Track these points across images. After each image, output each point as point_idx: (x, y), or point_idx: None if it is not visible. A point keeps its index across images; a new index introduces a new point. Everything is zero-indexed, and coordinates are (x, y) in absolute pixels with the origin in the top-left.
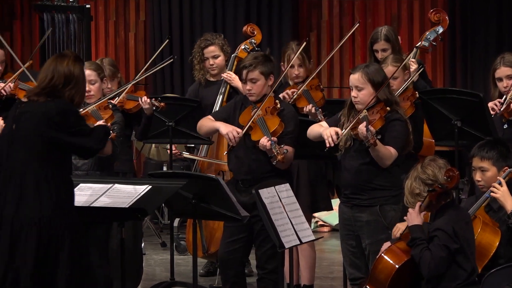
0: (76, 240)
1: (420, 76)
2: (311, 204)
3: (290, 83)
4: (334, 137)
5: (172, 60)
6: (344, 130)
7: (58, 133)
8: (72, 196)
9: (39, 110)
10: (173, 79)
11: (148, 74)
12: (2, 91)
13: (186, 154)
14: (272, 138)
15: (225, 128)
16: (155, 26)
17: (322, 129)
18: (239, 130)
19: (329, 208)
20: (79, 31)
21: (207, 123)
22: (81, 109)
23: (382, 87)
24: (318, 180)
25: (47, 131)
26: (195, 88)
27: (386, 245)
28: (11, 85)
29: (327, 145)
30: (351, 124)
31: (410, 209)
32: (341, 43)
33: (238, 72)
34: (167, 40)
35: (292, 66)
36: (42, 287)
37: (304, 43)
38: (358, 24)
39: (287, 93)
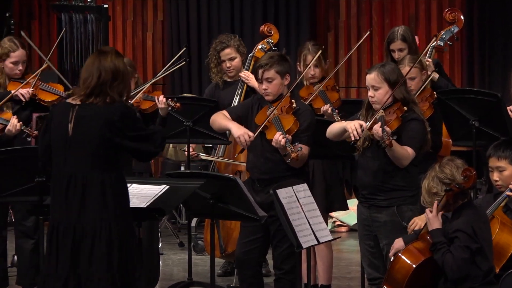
0: (138, 240)
1: (440, 75)
2: (326, 204)
3: (305, 83)
4: (359, 129)
5: (184, 63)
6: (368, 123)
7: (120, 138)
8: (128, 196)
9: (101, 115)
10: (191, 79)
11: (160, 76)
12: (21, 96)
13: (203, 156)
14: (287, 136)
15: (237, 130)
16: (172, 26)
17: (345, 123)
18: (250, 133)
19: (345, 208)
20: (97, 31)
21: (220, 119)
22: None
23: (398, 85)
24: (333, 180)
25: (110, 136)
26: (211, 89)
27: (398, 242)
28: (30, 90)
29: (352, 138)
30: (369, 124)
31: (428, 214)
32: (350, 53)
33: (254, 72)
34: (184, 48)
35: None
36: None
37: (320, 51)
38: (369, 32)
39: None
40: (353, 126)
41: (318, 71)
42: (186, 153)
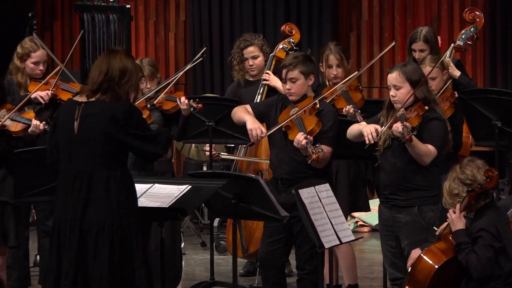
0: (144, 238)
1: (461, 71)
2: (350, 204)
3: (327, 83)
4: (374, 134)
5: (202, 59)
6: (384, 127)
7: (125, 135)
8: (135, 194)
9: (105, 113)
10: (213, 79)
11: (180, 74)
12: (40, 99)
13: (224, 155)
14: (308, 136)
15: (251, 123)
16: (195, 26)
17: (362, 126)
18: (264, 130)
19: (367, 208)
20: (119, 31)
21: (240, 112)
22: None
23: (420, 85)
24: (357, 180)
25: (115, 133)
26: (233, 88)
27: (416, 252)
28: (49, 92)
29: (367, 141)
30: (389, 123)
31: (451, 214)
32: (374, 60)
33: (276, 72)
34: (205, 47)
35: (330, 67)
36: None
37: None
38: (394, 43)
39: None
40: (368, 130)
41: (341, 71)
42: (207, 153)
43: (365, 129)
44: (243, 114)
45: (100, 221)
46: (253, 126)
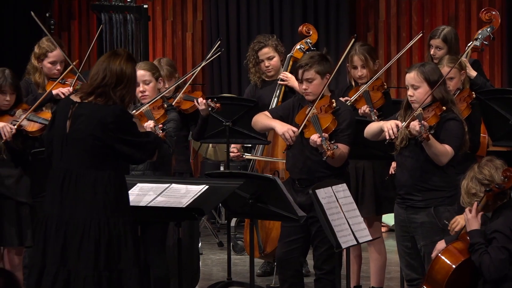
0: (137, 238)
1: (478, 72)
2: (376, 206)
3: (353, 84)
4: (395, 129)
5: (219, 53)
6: (404, 122)
7: (111, 140)
8: (127, 195)
9: (95, 115)
10: (230, 79)
11: (197, 69)
12: (62, 95)
13: (247, 155)
14: (324, 134)
15: (281, 127)
16: (212, 26)
17: (382, 123)
18: (294, 129)
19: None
20: (136, 31)
21: (263, 119)
22: (136, 110)
23: (438, 85)
24: (383, 182)
25: (102, 137)
26: (251, 89)
27: (441, 244)
28: (71, 89)
29: (387, 137)
30: (406, 122)
31: (467, 214)
32: (403, 50)
33: (294, 72)
34: (219, 41)
35: (355, 67)
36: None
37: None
38: (421, 34)
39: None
40: (389, 125)
41: (366, 71)
42: (231, 154)
43: (386, 125)
44: (267, 121)
45: (86, 220)
46: (284, 129)
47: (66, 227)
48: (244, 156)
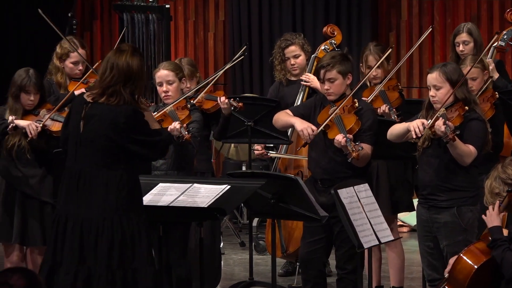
0: (151, 238)
1: (501, 75)
2: (392, 205)
3: (368, 84)
4: (421, 127)
5: (242, 57)
6: (430, 120)
7: (124, 140)
8: (140, 195)
9: (108, 116)
10: (252, 78)
11: (220, 72)
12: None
13: (272, 153)
14: (348, 135)
15: (300, 124)
16: (234, 26)
17: (407, 123)
18: (314, 127)
19: (411, 208)
20: (158, 31)
21: (283, 117)
22: (159, 110)
23: (459, 84)
24: (399, 181)
25: (114, 137)
26: (275, 87)
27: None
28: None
29: (414, 136)
30: (430, 123)
31: (489, 210)
32: (413, 48)
33: (316, 72)
34: (245, 46)
35: (370, 67)
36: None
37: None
38: (431, 29)
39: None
40: (415, 124)
41: (380, 71)
42: (256, 152)
43: (411, 124)
44: (287, 118)
45: (99, 220)
46: (303, 126)
47: (81, 226)
48: (268, 154)
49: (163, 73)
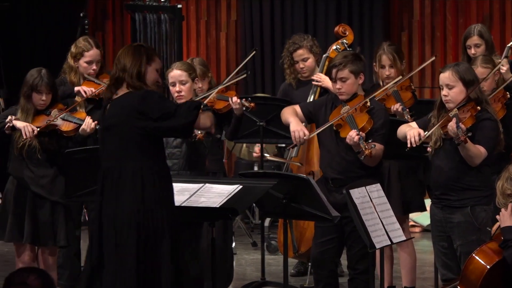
0: (175, 233)
1: None
2: (403, 205)
3: (381, 83)
4: (416, 138)
5: (254, 52)
6: (427, 132)
7: (146, 121)
8: (170, 186)
9: (123, 104)
10: (264, 78)
11: (235, 76)
12: (83, 92)
13: (269, 157)
14: (360, 133)
15: (294, 125)
16: (246, 26)
17: (408, 129)
18: (306, 132)
19: (422, 208)
20: (170, 31)
21: (287, 113)
22: None
23: (475, 88)
24: (410, 181)
25: (136, 122)
26: (285, 89)
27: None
28: (94, 90)
29: (408, 145)
30: (441, 122)
31: (502, 210)
32: (413, 72)
33: (328, 71)
34: (254, 52)
35: (383, 67)
36: (147, 282)
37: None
38: (434, 59)
39: None
40: (412, 134)
41: (394, 71)
42: (254, 154)
43: (409, 133)
44: (288, 115)
45: (127, 214)
46: (296, 128)
47: (114, 224)
48: (266, 157)
49: (176, 73)
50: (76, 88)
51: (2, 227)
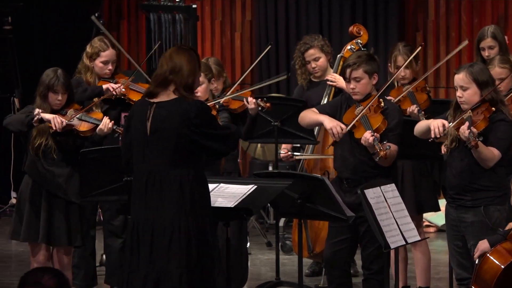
0: (216, 237)
1: None
2: (417, 205)
3: (396, 84)
4: (441, 128)
5: (286, 76)
6: (451, 123)
7: (197, 135)
8: (209, 193)
9: (178, 112)
10: None
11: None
12: (111, 89)
13: (297, 155)
14: (375, 134)
15: (329, 122)
16: (261, 26)
17: (430, 121)
18: (343, 126)
19: (436, 208)
20: (185, 31)
21: (311, 114)
22: None
23: (490, 91)
24: (423, 181)
25: (188, 132)
26: (299, 91)
27: (483, 244)
28: (121, 87)
29: (432, 135)
30: (455, 123)
31: None
32: (445, 59)
33: (342, 71)
34: (269, 46)
35: (399, 68)
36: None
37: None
38: (466, 43)
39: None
40: (435, 124)
41: (409, 72)
42: (281, 155)
43: (433, 123)
44: (315, 116)
45: (174, 220)
46: (333, 124)
47: (152, 228)
48: (294, 156)
49: None
50: (104, 86)
51: (17, 226)
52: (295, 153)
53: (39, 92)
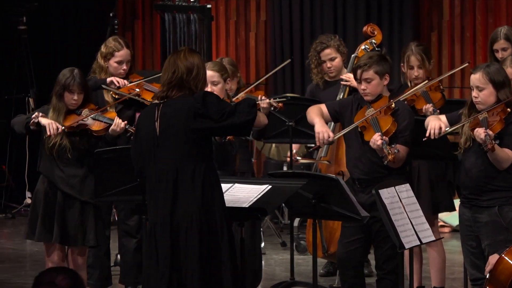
0: (231, 232)
1: None
2: (432, 205)
3: (409, 84)
4: (436, 131)
5: (289, 61)
6: (449, 128)
7: (207, 123)
8: (221, 187)
9: (182, 107)
10: (293, 78)
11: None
12: (116, 82)
13: (300, 159)
14: (384, 137)
15: (319, 126)
16: (275, 26)
17: (431, 119)
18: (331, 134)
19: (452, 208)
20: (200, 31)
21: (312, 112)
22: None
23: (509, 98)
24: (439, 181)
25: (195, 124)
26: (312, 90)
27: (494, 258)
28: (127, 82)
29: (427, 134)
30: (469, 123)
31: None
32: (443, 76)
33: (353, 72)
34: (289, 61)
35: (412, 68)
36: (210, 283)
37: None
38: (467, 65)
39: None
40: (433, 125)
41: (422, 72)
42: (288, 158)
43: (431, 124)
44: (314, 115)
45: (188, 215)
46: (321, 129)
47: (170, 227)
48: (298, 160)
49: (208, 74)
50: (108, 79)
51: (32, 226)
52: (298, 157)
53: (55, 91)
